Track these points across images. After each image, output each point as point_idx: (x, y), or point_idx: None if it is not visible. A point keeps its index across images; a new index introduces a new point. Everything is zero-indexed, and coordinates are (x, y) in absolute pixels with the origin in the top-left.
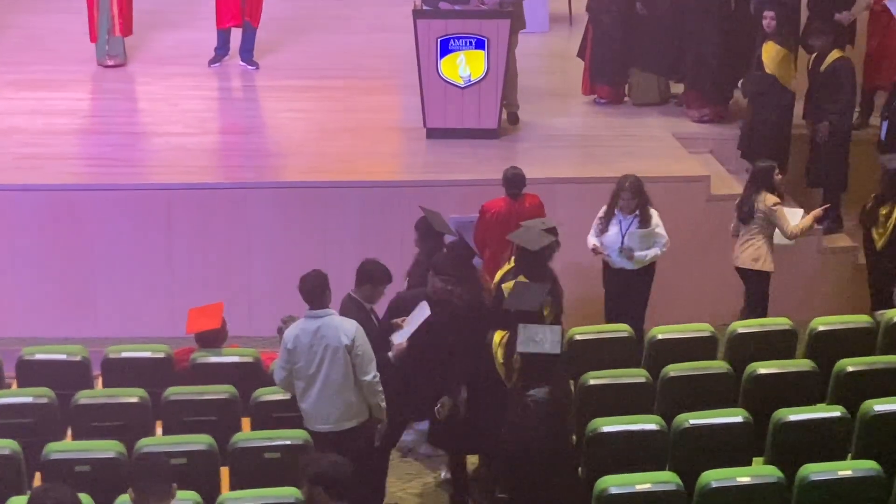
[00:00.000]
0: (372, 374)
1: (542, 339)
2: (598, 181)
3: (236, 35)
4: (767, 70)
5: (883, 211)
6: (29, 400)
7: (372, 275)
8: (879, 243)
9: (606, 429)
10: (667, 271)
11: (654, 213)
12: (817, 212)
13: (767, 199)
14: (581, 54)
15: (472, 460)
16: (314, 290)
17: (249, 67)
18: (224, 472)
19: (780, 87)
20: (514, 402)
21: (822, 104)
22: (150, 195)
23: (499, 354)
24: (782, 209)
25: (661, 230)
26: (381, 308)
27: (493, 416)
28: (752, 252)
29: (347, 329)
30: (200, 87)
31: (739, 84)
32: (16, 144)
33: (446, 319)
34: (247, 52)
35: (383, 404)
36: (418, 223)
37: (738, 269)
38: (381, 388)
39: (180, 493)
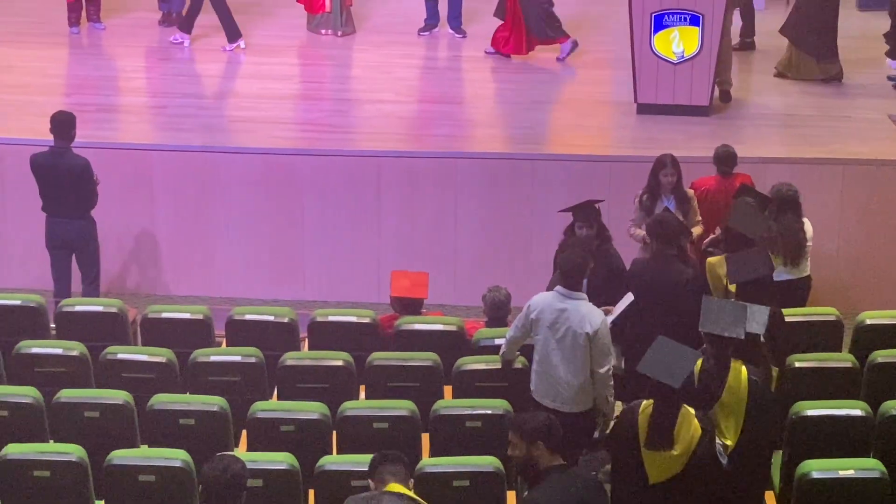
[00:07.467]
0: (607, 368)
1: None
2: (809, 162)
3: (445, 4)
4: None
5: None
6: (237, 359)
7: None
8: None
9: (810, 412)
10: (873, 256)
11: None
12: None
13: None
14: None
15: None
16: (573, 271)
17: (457, 36)
18: (425, 438)
19: None
20: None
21: None
22: (362, 162)
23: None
24: None
25: None
26: None
27: None
28: None
29: (594, 319)
30: (411, 55)
31: None
32: (231, 108)
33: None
34: (454, 20)
35: (612, 399)
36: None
37: None
38: (612, 383)
39: None
